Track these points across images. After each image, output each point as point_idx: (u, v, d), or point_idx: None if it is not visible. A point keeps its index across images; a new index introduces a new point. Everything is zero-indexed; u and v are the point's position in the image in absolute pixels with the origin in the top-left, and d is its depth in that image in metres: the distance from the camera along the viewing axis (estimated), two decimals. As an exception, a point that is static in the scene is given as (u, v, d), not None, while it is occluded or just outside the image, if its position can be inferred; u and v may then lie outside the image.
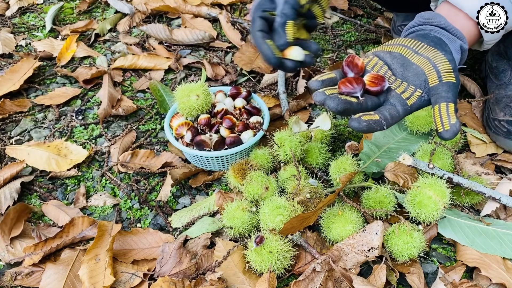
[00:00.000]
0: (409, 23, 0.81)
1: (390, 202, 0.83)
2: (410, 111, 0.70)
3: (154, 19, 1.57)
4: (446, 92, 0.69)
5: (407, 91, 0.70)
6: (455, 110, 0.68)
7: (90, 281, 0.75)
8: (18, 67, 1.28)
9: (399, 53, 0.74)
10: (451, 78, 0.70)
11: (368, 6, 1.58)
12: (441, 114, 0.67)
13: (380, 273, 0.74)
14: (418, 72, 0.71)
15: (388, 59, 0.74)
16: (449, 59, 0.72)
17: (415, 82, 0.71)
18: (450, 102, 0.68)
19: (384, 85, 0.70)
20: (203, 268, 0.79)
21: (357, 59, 0.73)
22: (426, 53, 0.73)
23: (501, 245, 0.77)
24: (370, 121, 0.65)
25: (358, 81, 0.69)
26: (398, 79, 0.72)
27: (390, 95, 0.70)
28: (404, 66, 0.73)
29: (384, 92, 0.71)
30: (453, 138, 0.66)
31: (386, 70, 0.73)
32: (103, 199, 0.95)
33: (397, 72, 0.73)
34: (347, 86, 0.68)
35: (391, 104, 0.69)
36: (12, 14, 1.62)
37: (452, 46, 0.75)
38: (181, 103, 0.96)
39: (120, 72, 1.32)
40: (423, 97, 0.70)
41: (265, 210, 0.80)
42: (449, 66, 0.71)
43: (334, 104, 0.65)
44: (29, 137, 1.12)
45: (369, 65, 0.74)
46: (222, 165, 0.97)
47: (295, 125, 0.98)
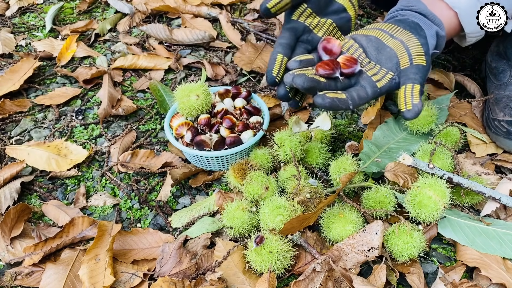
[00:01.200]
0: (391, 9, 0.81)
1: (390, 202, 0.83)
2: (379, 93, 0.71)
3: (154, 19, 1.57)
4: (415, 74, 0.70)
5: (378, 74, 0.72)
6: (420, 91, 0.69)
7: (90, 281, 0.75)
8: (18, 67, 1.28)
9: (374, 37, 0.75)
10: (421, 61, 0.71)
11: (368, 6, 1.58)
12: (406, 94, 0.68)
13: (380, 273, 0.74)
14: (391, 55, 0.73)
15: (364, 42, 0.75)
16: (421, 43, 0.73)
17: (387, 65, 0.72)
18: (417, 83, 0.69)
19: (356, 68, 0.71)
20: (203, 268, 0.79)
21: (333, 42, 0.74)
22: (400, 37, 0.74)
23: (501, 245, 0.77)
24: (334, 99, 0.65)
25: (335, 64, 0.70)
26: (372, 62, 0.73)
27: (361, 77, 0.72)
28: (378, 49, 0.74)
29: (356, 75, 0.72)
30: (414, 118, 0.68)
31: (360, 52, 0.74)
32: (103, 199, 0.95)
33: (371, 55, 0.74)
34: (325, 68, 0.69)
35: (361, 86, 0.70)
36: (12, 14, 1.62)
37: (428, 31, 0.75)
38: (181, 103, 0.96)
39: (120, 72, 1.32)
40: (394, 80, 0.72)
41: (265, 210, 0.80)
42: (421, 49, 0.72)
43: (300, 81, 0.65)
44: (29, 137, 1.12)
45: (345, 47, 0.75)
46: (222, 165, 0.97)
47: (295, 125, 0.98)
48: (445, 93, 1.12)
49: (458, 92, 1.14)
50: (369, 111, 1.09)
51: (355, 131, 1.09)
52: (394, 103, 1.13)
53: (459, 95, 1.15)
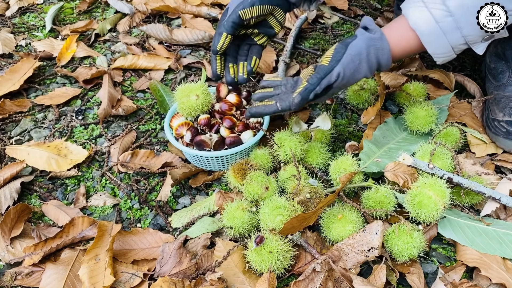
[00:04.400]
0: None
1: (390, 202, 0.83)
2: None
3: (154, 19, 1.57)
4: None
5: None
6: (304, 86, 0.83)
7: (90, 281, 0.75)
8: (18, 67, 1.27)
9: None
10: (325, 62, 0.83)
11: (368, 6, 1.58)
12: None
13: (380, 273, 0.74)
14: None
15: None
16: (336, 47, 0.83)
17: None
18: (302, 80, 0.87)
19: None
20: (203, 268, 0.79)
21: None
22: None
23: (501, 245, 0.77)
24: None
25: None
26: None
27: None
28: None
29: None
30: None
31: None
32: (103, 199, 0.95)
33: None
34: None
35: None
36: (12, 14, 1.62)
37: (360, 37, 0.83)
38: (181, 103, 0.96)
39: (120, 72, 1.32)
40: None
41: (265, 210, 0.80)
42: (331, 53, 0.83)
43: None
44: (29, 137, 1.12)
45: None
46: (222, 165, 0.97)
47: (295, 125, 0.98)
48: (445, 93, 1.12)
49: (458, 92, 1.14)
50: (369, 111, 1.09)
51: (355, 131, 1.09)
52: (394, 103, 1.13)
53: (459, 95, 1.15)
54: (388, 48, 0.83)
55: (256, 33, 0.95)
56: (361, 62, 0.82)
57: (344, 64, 0.81)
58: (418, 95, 1.04)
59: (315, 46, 1.40)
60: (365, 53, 0.81)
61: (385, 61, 0.84)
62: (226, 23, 0.88)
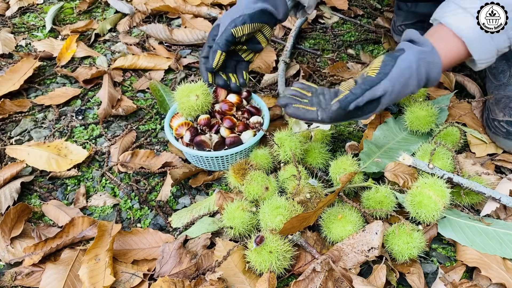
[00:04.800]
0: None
1: (390, 202, 0.83)
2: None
3: (154, 19, 1.57)
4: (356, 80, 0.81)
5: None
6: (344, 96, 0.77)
7: (90, 281, 0.75)
8: (18, 67, 1.27)
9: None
10: (372, 73, 0.77)
11: (368, 6, 1.58)
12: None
13: (380, 273, 0.74)
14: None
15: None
16: (384, 59, 0.78)
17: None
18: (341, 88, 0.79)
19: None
20: (203, 268, 0.79)
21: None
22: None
23: (501, 245, 0.77)
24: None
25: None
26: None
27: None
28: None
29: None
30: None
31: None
32: (103, 199, 0.95)
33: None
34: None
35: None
36: (12, 14, 1.62)
37: (410, 51, 0.79)
38: (180, 103, 0.96)
39: (120, 72, 1.32)
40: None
41: (265, 210, 0.80)
42: (379, 64, 0.77)
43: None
44: (29, 137, 1.12)
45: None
46: (222, 165, 0.97)
47: (295, 125, 0.98)
48: (445, 93, 1.12)
49: (458, 92, 1.14)
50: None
51: (355, 131, 1.09)
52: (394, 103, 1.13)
53: (459, 95, 1.15)
54: (440, 61, 0.79)
55: (244, 49, 0.97)
56: (411, 77, 0.77)
57: (394, 78, 0.75)
58: (418, 95, 1.04)
59: (315, 46, 1.40)
60: (415, 66, 0.77)
61: (435, 75, 0.79)
62: (220, 41, 0.89)
